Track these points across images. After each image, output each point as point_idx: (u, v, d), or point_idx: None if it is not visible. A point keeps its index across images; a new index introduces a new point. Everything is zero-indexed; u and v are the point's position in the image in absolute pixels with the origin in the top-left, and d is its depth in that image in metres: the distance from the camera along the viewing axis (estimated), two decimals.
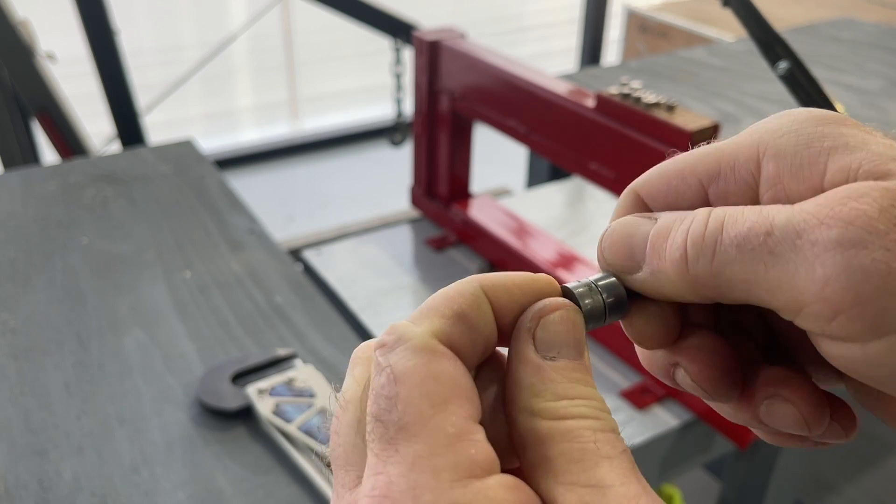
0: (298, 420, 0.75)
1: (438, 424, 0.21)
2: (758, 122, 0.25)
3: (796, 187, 0.23)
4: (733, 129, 1.48)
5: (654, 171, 0.27)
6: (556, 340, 0.24)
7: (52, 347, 0.87)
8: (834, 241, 0.21)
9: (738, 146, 0.25)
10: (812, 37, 2.03)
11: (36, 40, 1.56)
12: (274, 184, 3.32)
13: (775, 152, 0.24)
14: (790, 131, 0.24)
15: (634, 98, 0.92)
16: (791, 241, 0.22)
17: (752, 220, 0.23)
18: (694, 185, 0.26)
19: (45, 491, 0.70)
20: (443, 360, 0.22)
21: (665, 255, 0.25)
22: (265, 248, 1.06)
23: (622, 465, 0.22)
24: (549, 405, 0.23)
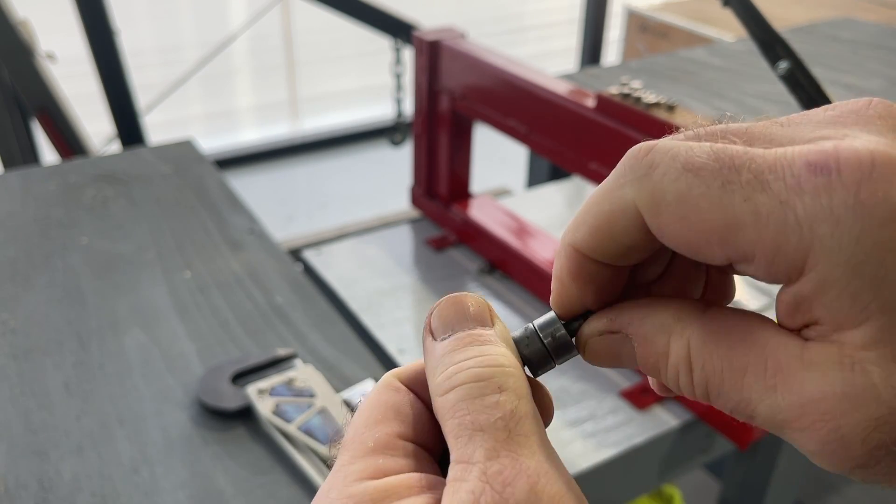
0: (298, 420, 0.75)
1: (362, 439, 0.25)
2: (807, 191, 0.21)
3: (821, 315, 0.22)
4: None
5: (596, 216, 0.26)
6: (446, 322, 0.26)
7: (52, 347, 0.87)
8: (815, 451, 0.22)
9: (784, 240, 0.21)
10: (812, 37, 2.03)
11: (36, 40, 1.56)
12: (274, 184, 3.32)
13: (821, 279, 0.21)
14: (849, 264, 0.20)
15: (634, 98, 0.92)
16: (775, 428, 0.23)
17: (734, 402, 0.23)
18: (717, 255, 0.23)
19: (45, 491, 0.70)
20: (389, 392, 0.27)
21: (662, 381, 0.26)
22: (265, 248, 1.06)
23: (494, 437, 0.23)
24: (438, 380, 0.25)
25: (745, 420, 0.24)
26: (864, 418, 0.21)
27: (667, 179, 0.23)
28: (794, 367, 0.22)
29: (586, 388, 0.96)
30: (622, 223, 0.24)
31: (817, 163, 0.21)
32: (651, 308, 0.26)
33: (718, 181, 0.22)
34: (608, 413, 0.92)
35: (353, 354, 0.87)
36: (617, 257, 0.26)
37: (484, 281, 1.17)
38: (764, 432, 0.90)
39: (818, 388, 0.21)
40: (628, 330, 0.26)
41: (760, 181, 0.21)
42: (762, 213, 0.21)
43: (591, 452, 0.87)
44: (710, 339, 0.24)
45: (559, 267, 0.27)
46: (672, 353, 0.25)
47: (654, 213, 0.23)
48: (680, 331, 0.25)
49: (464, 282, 1.17)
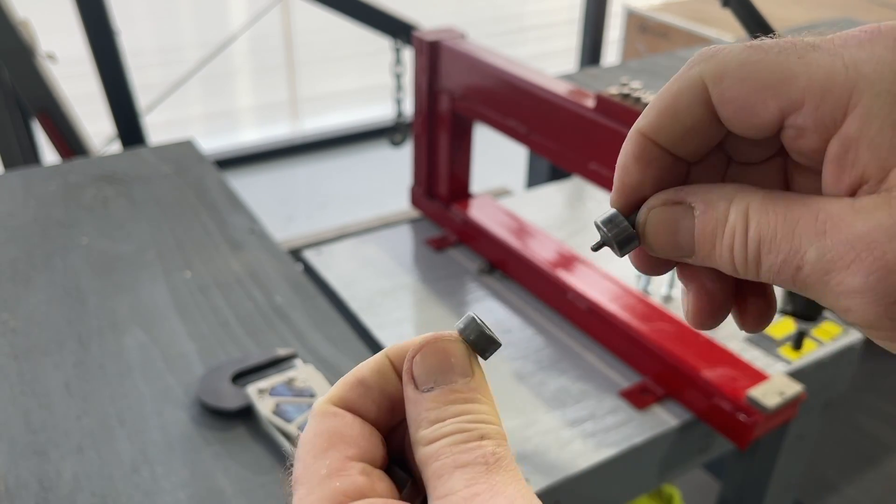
0: (298, 420, 0.75)
1: (314, 469, 0.26)
2: (852, 45, 0.24)
3: (868, 160, 0.24)
4: None
5: (665, 97, 0.27)
6: (429, 373, 0.28)
7: (53, 347, 0.87)
8: (858, 288, 0.23)
9: (831, 80, 0.24)
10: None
11: (36, 40, 1.56)
12: (274, 184, 3.32)
13: (865, 112, 0.23)
14: (890, 93, 0.23)
15: (634, 98, 0.92)
16: (819, 278, 0.24)
17: (785, 252, 0.25)
18: (771, 110, 0.25)
19: (46, 491, 0.70)
20: (330, 418, 0.28)
21: (715, 260, 0.27)
22: (265, 248, 1.06)
23: (473, 470, 0.25)
24: (423, 433, 0.27)
25: (790, 277, 0.25)
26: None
27: (732, 54, 0.26)
28: (844, 214, 0.24)
29: (586, 388, 0.96)
30: (688, 98, 0.26)
31: (865, 28, 0.25)
32: (714, 184, 0.28)
33: (776, 49, 0.25)
34: (608, 413, 0.92)
35: (354, 354, 0.88)
36: (678, 140, 0.27)
37: (484, 281, 1.17)
38: (764, 432, 0.90)
39: (865, 225, 0.23)
40: (692, 198, 0.28)
41: (813, 45, 0.25)
42: (813, 63, 0.24)
43: (591, 452, 0.87)
44: (768, 202, 0.26)
45: (624, 153, 0.28)
46: (731, 215, 0.26)
47: (717, 79, 0.26)
48: (741, 196, 0.26)
49: (464, 282, 1.17)
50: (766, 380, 0.91)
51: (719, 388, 0.89)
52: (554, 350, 1.03)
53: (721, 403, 0.89)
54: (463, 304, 1.12)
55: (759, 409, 0.87)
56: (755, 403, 0.87)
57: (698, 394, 0.91)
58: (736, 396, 0.88)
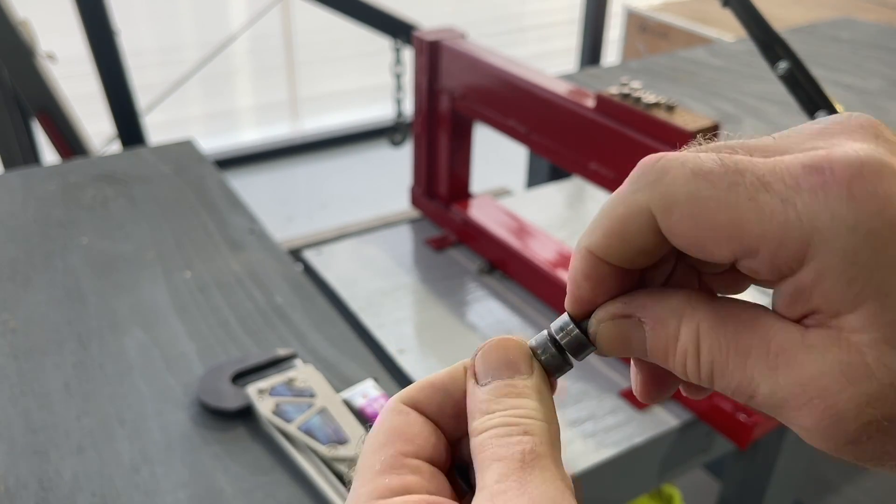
0: (298, 420, 0.75)
1: (370, 463, 0.27)
2: (805, 191, 0.23)
3: (820, 304, 0.23)
4: (733, 129, 1.48)
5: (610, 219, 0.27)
6: (488, 367, 0.28)
7: (53, 347, 0.87)
8: (811, 428, 0.24)
9: (786, 233, 0.23)
10: (812, 37, 2.03)
11: (36, 40, 1.56)
12: (274, 184, 3.32)
13: (820, 267, 0.23)
14: (845, 251, 0.22)
15: (634, 98, 0.92)
16: (773, 408, 0.25)
17: (737, 381, 0.25)
18: (724, 251, 0.24)
19: (46, 491, 0.70)
20: (395, 416, 0.28)
21: (670, 369, 0.27)
22: (265, 248, 1.06)
23: (508, 465, 0.25)
24: (474, 424, 0.27)
25: (745, 401, 0.25)
26: (859, 394, 0.23)
27: (678, 182, 0.25)
28: (795, 350, 0.24)
29: (586, 388, 0.96)
30: (635, 225, 0.26)
31: (812, 165, 0.23)
32: (663, 294, 0.28)
33: (725, 183, 0.24)
34: (608, 413, 0.92)
35: (354, 354, 0.88)
36: (628, 260, 0.27)
37: (484, 281, 1.17)
38: (764, 432, 0.90)
39: (817, 367, 0.23)
40: (641, 313, 0.28)
41: (763, 183, 0.24)
42: (765, 210, 0.23)
43: (591, 452, 0.87)
44: (718, 323, 0.26)
45: (574, 269, 0.28)
46: (682, 335, 0.26)
47: (666, 213, 0.25)
48: (690, 314, 0.26)
49: (464, 282, 1.17)
50: None
51: None
52: None
53: (721, 403, 0.89)
54: (463, 304, 1.12)
55: None
56: None
57: None
58: None
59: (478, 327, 1.07)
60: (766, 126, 1.50)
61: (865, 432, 0.23)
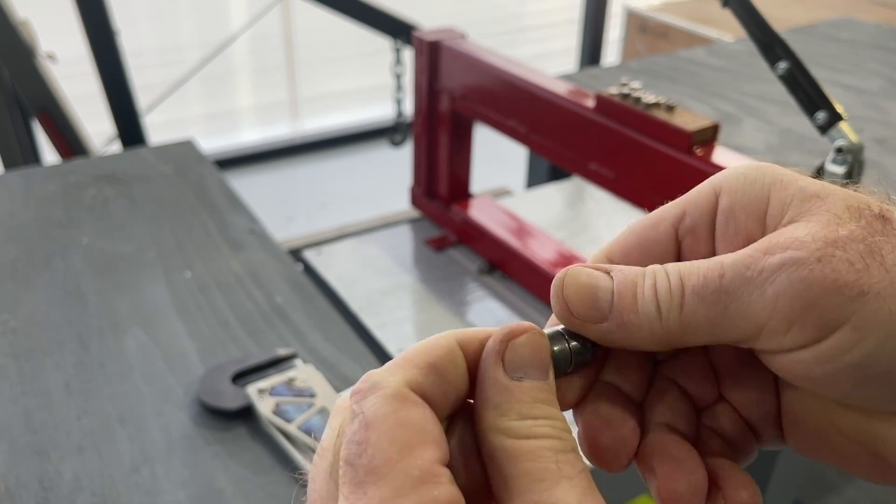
0: (299, 420, 0.75)
1: (404, 468, 0.22)
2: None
3: (744, 218, 0.28)
4: (733, 129, 1.48)
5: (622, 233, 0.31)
6: (522, 361, 0.26)
7: (53, 347, 0.87)
8: (777, 264, 0.25)
9: (699, 190, 0.29)
10: (812, 37, 2.03)
11: (36, 40, 1.56)
12: (274, 184, 3.32)
13: (728, 189, 0.29)
14: (739, 175, 0.29)
15: (634, 98, 0.92)
16: (741, 274, 0.26)
17: (705, 268, 0.27)
18: (664, 230, 0.30)
19: (46, 491, 0.70)
20: (412, 408, 0.24)
21: (638, 310, 0.27)
22: (265, 248, 1.06)
23: (581, 484, 0.24)
24: (515, 424, 0.25)
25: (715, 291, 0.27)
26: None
27: None
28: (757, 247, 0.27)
29: None
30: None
31: None
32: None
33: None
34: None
35: (354, 354, 0.88)
36: None
37: (484, 281, 1.17)
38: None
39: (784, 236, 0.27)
40: (609, 269, 0.29)
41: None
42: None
43: None
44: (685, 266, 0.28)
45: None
46: (649, 273, 0.28)
47: None
48: (655, 267, 0.29)
49: (464, 282, 1.17)
50: None
51: None
52: None
53: None
54: (463, 304, 1.12)
55: None
56: None
57: None
58: None
59: (478, 327, 1.07)
60: (766, 126, 1.51)
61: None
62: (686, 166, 0.87)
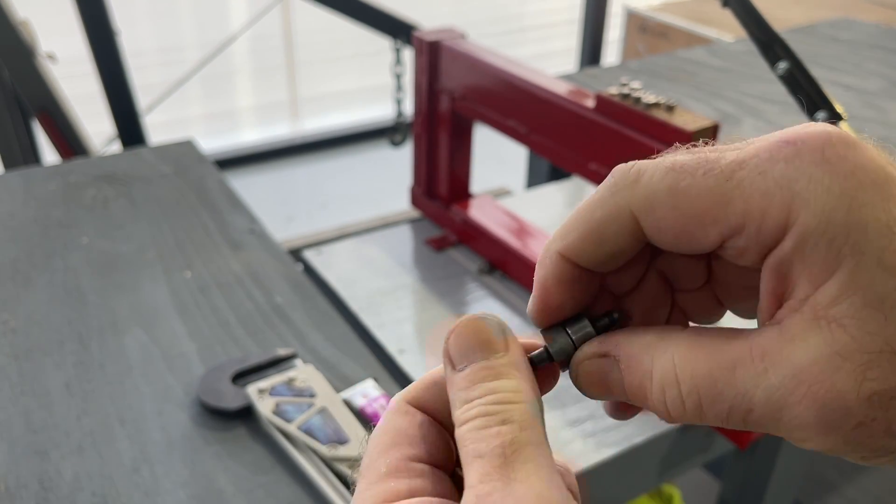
0: (299, 420, 0.75)
1: (376, 465, 0.27)
2: (779, 161, 0.24)
3: (800, 274, 0.24)
4: (733, 129, 1.48)
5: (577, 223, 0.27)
6: (462, 351, 0.27)
7: (53, 347, 0.87)
8: (813, 422, 0.23)
9: (768, 202, 0.24)
10: (812, 37, 2.03)
11: (36, 40, 1.56)
12: (274, 184, 3.32)
13: (802, 231, 0.23)
14: (824, 212, 0.23)
15: (634, 98, 0.92)
16: (772, 416, 0.24)
17: (730, 399, 0.24)
18: (711, 236, 0.25)
19: (46, 490, 0.70)
20: (400, 417, 0.28)
21: (650, 408, 0.27)
22: (265, 248, 1.06)
23: (490, 462, 0.24)
24: (457, 414, 0.26)
25: (741, 420, 0.25)
26: (854, 368, 0.22)
27: (655, 179, 0.26)
28: (778, 346, 0.24)
29: None
30: (614, 227, 0.27)
31: (784, 139, 0.25)
32: (636, 331, 0.28)
33: (701, 170, 0.25)
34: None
35: (354, 354, 0.88)
36: (601, 262, 0.28)
37: (484, 281, 1.17)
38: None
39: (805, 355, 0.23)
40: (615, 351, 0.28)
41: (737, 162, 0.25)
42: (745, 184, 0.24)
43: (591, 452, 0.87)
44: (694, 349, 0.26)
45: (544, 275, 0.29)
46: (656, 370, 0.26)
47: (648, 211, 0.26)
48: (664, 348, 0.26)
49: (464, 282, 1.17)
50: None
51: None
52: None
53: None
54: (463, 304, 1.12)
55: None
56: None
57: None
58: None
59: None
60: (766, 126, 1.51)
61: (870, 409, 0.22)
62: None
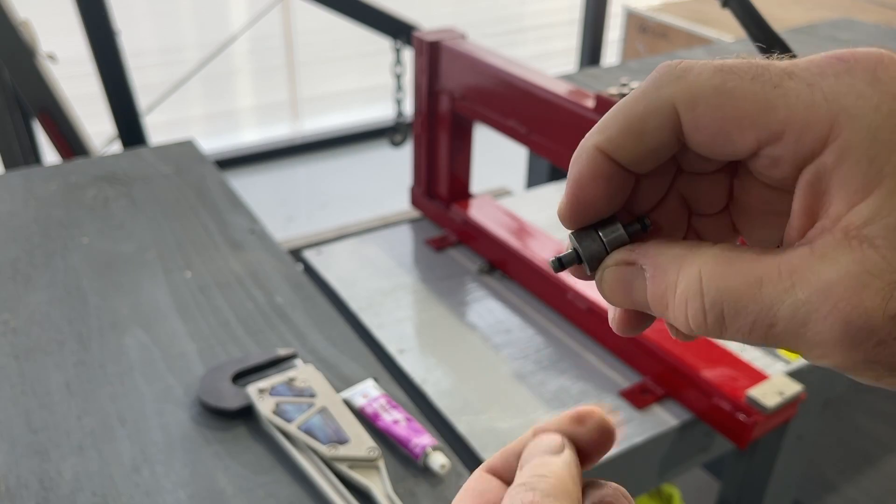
0: (299, 420, 0.75)
1: None
2: (829, 75, 0.24)
3: (837, 190, 0.24)
4: None
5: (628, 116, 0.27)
6: (528, 456, 0.31)
7: (53, 347, 0.87)
8: (837, 338, 0.23)
9: (812, 113, 0.24)
10: (811, 37, 2.03)
11: (37, 41, 1.56)
12: (274, 184, 3.32)
13: (845, 145, 0.23)
14: (869, 129, 0.23)
15: None
16: (795, 331, 0.24)
17: (755, 313, 0.24)
18: (748, 140, 0.25)
19: (46, 490, 0.70)
20: (478, 482, 0.31)
21: (671, 321, 0.27)
22: (265, 248, 1.06)
23: None
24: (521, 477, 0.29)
25: (762, 335, 0.25)
26: (882, 286, 0.23)
27: (703, 77, 0.26)
28: (807, 264, 0.24)
29: (586, 388, 0.96)
30: (656, 121, 0.26)
31: (837, 55, 0.24)
32: (667, 243, 0.28)
33: (750, 74, 0.25)
34: (608, 413, 0.92)
35: (354, 354, 0.88)
36: (638, 159, 0.27)
37: (484, 281, 1.17)
38: (763, 432, 0.90)
39: (835, 272, 0.23)
40: (643, 260, 0.28)
41: (788, 72, 0.24)
42: (791, 94, 0.24)
43: None
44: (721, 263, 0.25)
45: (579, 171, 0.28)
46: (680, 281, 0.26)
47: (690, 106, 0.25)
48: (690, 259, 0.26)
49: (464, 282, 1.17)
50: (766, 379, 0.91)
51: (719, 388, 0.89)
52: (554, 350, 1.03)
53: (721, 403, 0.89)
54: (463, 304, 1.13)
55: (758, 408, 0.87)
56: (755, 403, 0.87)
57: (698, 394, 0.91)
58: (735, 396, 0.88)
59: (478, 327, 1.07)
60: None
61: (894, 327, 0.23)
62: None
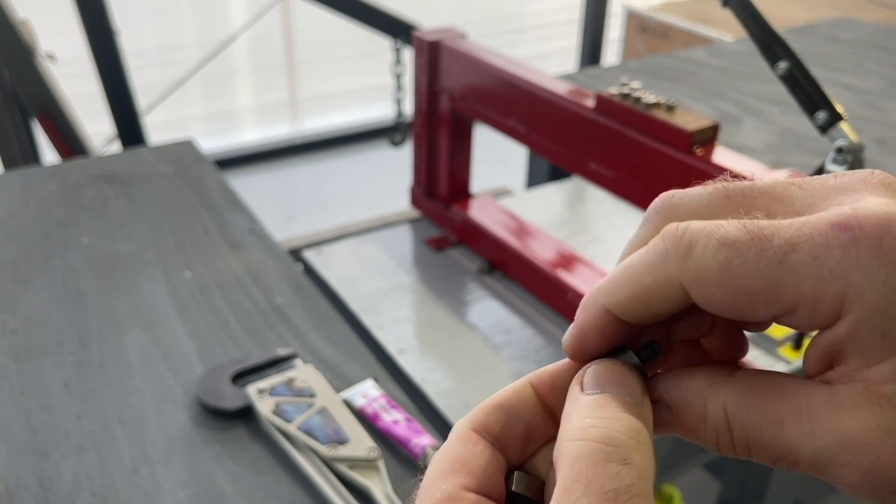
0: (298, 420, 0.75)
1: (431, 491, 0.26)
2: (835, 249, 0.24)
3: (851, 354, 0.24)
4: (733, 129, 1.48)
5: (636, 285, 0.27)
6: (598, 380, 0.27)
7: (53, 347, 0.87)
8: (857, 484, 0.24)
9: (822, 289, 0.24)
10: (812, 37, 2.03)
11: (36, 40, 1.56)
12: (274, 184, 3.32)
13: (856, 320, 0.24)
14: (879, 305, 0.23)
15: (634, 98, 0.92)
16: (817, 470, 0.25)
17: (777, 452, 0.25)
18: (761, 314, 0.25)
19: (46, 491, 0.70)
20: (460, 444, 0.28)
21: (702, 444, 0.28)
22: (265, 248, 1.06)
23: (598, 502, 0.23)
24: (570, 427, 0.25)
25: (787, 467, 0.26)
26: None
27: (708, 254, 0.25)
28: (827, 411, 0.24)
29: None
30: (663, 294, 0.26)
31: (840, 223, 0.24)
32: (684, 376, 0.28)
33: (753, 250, 0.24)
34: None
35: (354, 354, 0.88)
36: (644, 320, 0.28)
37: (484, 281, 1.17)
38: None
39: (853, 425, 0.24)
40: (666, 398, 0.28)
41: (791, 244, 0.24)
42: (797, 269, 0.24)
43: None
44: (744, 398, 0.26)
45: (585, 322, 0.28)
46: (710, 416, 0.27)
47: (699, 287, 0.25)
48: (714, 394, 0.27)
49: (464, 282, 1.17)
50: None
51: None
52: (554, 350, 1.03)
53: None
54: (463, 304, 1.12)
55: None
56: None
57: None
58: None
59: (478, 327, 1.07)
60: (766, 126, 1.51)
61: None
62: (686, 166, 0.87)
